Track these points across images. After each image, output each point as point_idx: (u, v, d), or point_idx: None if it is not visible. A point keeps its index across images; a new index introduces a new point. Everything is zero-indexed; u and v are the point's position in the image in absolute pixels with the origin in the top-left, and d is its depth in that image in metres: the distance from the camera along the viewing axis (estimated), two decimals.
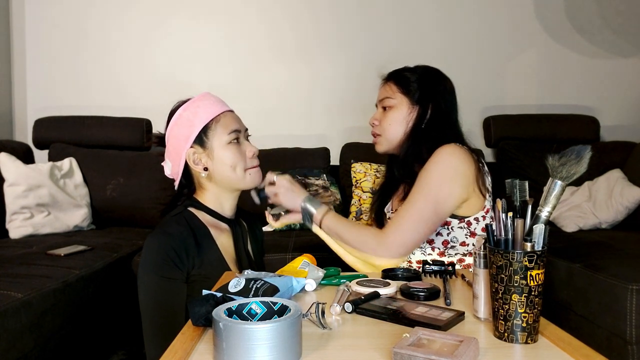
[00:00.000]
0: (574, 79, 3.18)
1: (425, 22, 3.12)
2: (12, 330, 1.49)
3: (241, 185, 1.26)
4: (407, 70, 1.41)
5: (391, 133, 1.38)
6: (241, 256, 1.28)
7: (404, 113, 1.37)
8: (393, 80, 1.40)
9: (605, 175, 2.59)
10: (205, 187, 1.27)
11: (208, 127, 1.23)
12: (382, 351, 0.74)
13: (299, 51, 3.13)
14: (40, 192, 2.47)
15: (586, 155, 0.79)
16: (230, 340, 0.67)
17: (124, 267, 2.17)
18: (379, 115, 1.42)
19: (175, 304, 1.13)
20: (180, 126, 1.23)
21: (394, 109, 1.38)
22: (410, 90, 1.37)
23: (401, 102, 1.37)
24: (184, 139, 1.23)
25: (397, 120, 1.37)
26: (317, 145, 2.97)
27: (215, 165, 1.23)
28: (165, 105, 1.34)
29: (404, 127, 1.37)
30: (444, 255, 1.32)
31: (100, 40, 3.09)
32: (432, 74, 1.41)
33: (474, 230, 1.31)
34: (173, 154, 1.26)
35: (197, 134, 1.22)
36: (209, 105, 1.24)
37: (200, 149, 1.23)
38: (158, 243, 1.16)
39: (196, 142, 1.23)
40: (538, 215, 0.80)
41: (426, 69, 1.41)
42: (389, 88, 1.40)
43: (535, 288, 0.76)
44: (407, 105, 1.37)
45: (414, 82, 1.38)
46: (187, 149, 1.23)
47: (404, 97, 1.37)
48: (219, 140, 1.22)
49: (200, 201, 1.27)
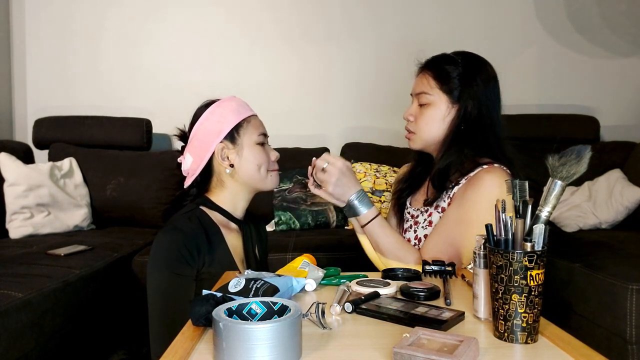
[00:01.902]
0: (574, 79, 3.17)
1: (425, 24, 3.12)
2: (12, 329, 1.49)
3: (262, 185, 1.29)
4: (447, 62, 1.30)
5: (427, 132, 1.29)
6: (249, 256, 1.29)
7: (443, 112, 1.27)
8: (432, 73, 1.29)
9: (605, 175, 2.59)
10: (225, 185, 1.28)
11: (240, 125, 1.27)
12: (382, 351, 0.74)
13: (298, 51, 3.12)
14: (40, 192, 2.47)
15: (586, 155, 0.79)
16: (230, 340, 0.67)
17: (124, 267, 2.17)
18: (414, 110, 1.32)
19: (184, 301, 1.13)
20: (212, 121, 1.26)
21: (431, 107, 1.28)
22: (450, 88, 1.27)
23: (440, 99, 1.28)
24: (215, 134, 1.25)
25: (434, 119, 1.28)
26: (318, 145, 2.97)
27: (242, 163, 1.26)
28: (165, 105, 1.34)
29: (442, 127, 1.27)
30: None
31: (100, 40, 3.09)
32: (474, 66, 1.29)
33: None
34: (199, 149, 1.27)
35: (230, 130, 1.25)
36: (241, 106, 1.30)
37: (231, 144, 1.26)
38: (170, 239, 1.16)
39: (227, 138, 1.26)
40: (538, 215, 0.80)
41: (468, 58, 1.30)
42: (426, 81, 1.29)
43: (535, 288, 0.76)
44: (446, 104, 1.27)
45: (455, 77, 1.27)
46: (218, 144, 1.25)
47: (443, 94, 1.27)
48: (250, 139, 1.27)
49: (212, 200, 1.28)
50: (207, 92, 1.38)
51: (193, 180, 1.30)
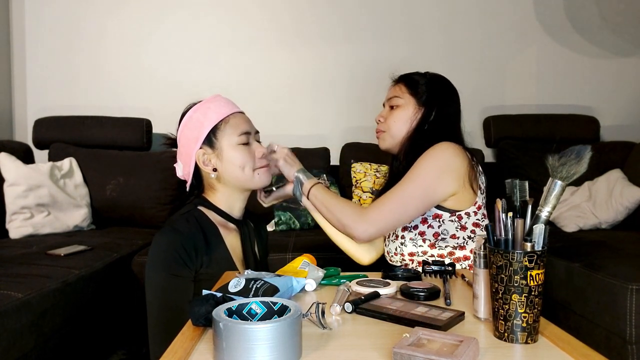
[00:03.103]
0: (574, 79, 3.18)
1: (427, 23, 3.12)
2: (12, 330, 1.49)
3: (250, 185, 1.27)
4: (417, 75, 1.48)
5: (395, 130, 1.44)
6: (248, 256, 1.29)
7: (410, 113, 1.42)
8: (403, 82, 1.47)
9: (605, 175, 2.59)
10: (216, 188, 1.28)
11: (217, 128, 1.24)
12: (382, 351, 0.74)
13: (299, 51, 3.13)
14: (40, 192, 2.47)
15: (586, 155, 0.79)
16: (230, 340, 0.67)
17: (124, 267, 2.17)
18: (385, 113, 1.48)
19: (183, 302, 1.13)
20: (190, 128, 1.25)
21: (400, 108, 1.44)
22: (418, 92, 1.43)
23: (408, 102, 1.43)
24: (193, 140, 1.24)
25: (402, 118, 1.43)
26: (317, 145, 2.97)
27: (225, 166, 1.24)
28: (165, 105, 1.35)
29: (407, 126, 1.42)
30: (435, 247, 1.35)
31: (100, 40, 3.09)
32: (440, 81, 1.47)
33: (465, 224, 1.34)
34: (184, 155, 1.27)
35: (206, 135, 1.23)
36: (219, 107, 1.26)
37: (210, 149, 1.24)
38: (168, 240, 1.16)
39: (205, 143, 1.24)
40: (538, 215, 0.80)
41: (435, 75, 1.48)
42: (398, 89, 1.46)
43: (535, 288, 0.76)
44: (413, 106, 1.43)
45: (423, 85, 1.44)
46: (197, 150, 1.24)
47: (412, 97, 1.43)
48: (228, 141, 1.24)
49: (210, 201, 1.28)
50: (207, 92, 1.37)
51: (191, 184, 1.30)
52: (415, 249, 1.36)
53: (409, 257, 1.37)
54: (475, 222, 1.35)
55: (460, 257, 1.34)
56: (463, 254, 1.34)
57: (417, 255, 1.36)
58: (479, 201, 1.36)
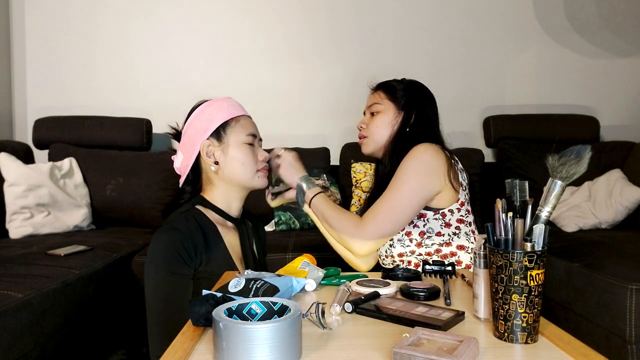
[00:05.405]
0: (574, 79, 3.18)
1: (426, 22, 3.12)
2: (12, 330, 1.49)
3: (248, 183, 1.29)
4: (395, 81, 1.53)
5: (377, 135, 1.48)
6: (247, 255, 1.30)
7: (390, 117, 1.47)
8: (382, 89, 1.52)
9: (605, 175, 2.59)
10: (214, 183, 1.29)
11: (227, 124, 1.27)
12: (382, 351, 0.74)
13: (298, 51, 3.13)
14: (40, 192, 2.47)
15: (586, 155, 0.79)
16: (230, 340, 0.68)
17: (123, 267, 2.17)
18: (366, 120, 1.52)
19: (182, 301, 1.13)
20: (201, 119, 1.27)
21: (381, 114, 1.48)
22: (397, 97, 1.48)
23: (388, 107, 1.48)
24: (202, 131, 1.26)
25: (383, 123, 1.47)
26: (317, 145, 2.97)
27: (227, 161, 1.26)
28: (165, 105, 1.35)
29: (389, 130, 1.46)
30: (421, 245, 1.37)
31: (100, 41, 3.09)
32: (417, 86, 1.52)
33: (449, 221, 1.37)
34: (188, 145, 1.28)
35: (216, 128, 1.26)
36: (232, 106, 1.30)
37: (216, 142, 1.27)
38: (167, 239, 1.16)
39: (213, 136, 1.27)
40: (538, 215, 0.80)
41: (412, 81, 1.54)
42: (377, 96, 1.51)
43: (535, 288, 0.76)
44: (393, 111, 1.47)
45: (401, 90, 1.49)
46: (203, 141, 1.26)
47: (391, 103, 1.48)
48: (236, 138, 1.27)
49: (208, 200, 1.29)
50: (207, 93, 1.38)
51: (186, 179, 1.31)
52: (404, 249, 1.38)
53: (399, 258, 1.40)
54: (459, 219, 1.38)
55: (447, 254, 1.37)
56: (449, 250, 1.37)
57: (406, 255, 1.38)
58: (461, 198, 1.39)
